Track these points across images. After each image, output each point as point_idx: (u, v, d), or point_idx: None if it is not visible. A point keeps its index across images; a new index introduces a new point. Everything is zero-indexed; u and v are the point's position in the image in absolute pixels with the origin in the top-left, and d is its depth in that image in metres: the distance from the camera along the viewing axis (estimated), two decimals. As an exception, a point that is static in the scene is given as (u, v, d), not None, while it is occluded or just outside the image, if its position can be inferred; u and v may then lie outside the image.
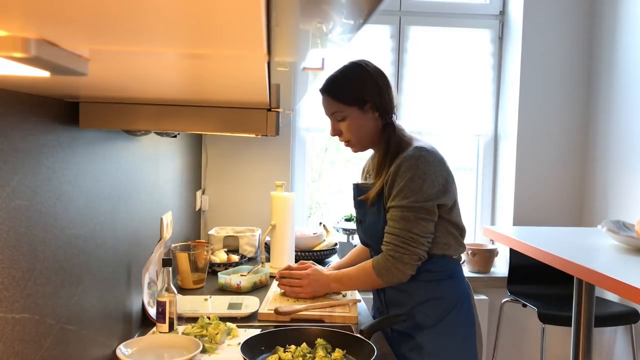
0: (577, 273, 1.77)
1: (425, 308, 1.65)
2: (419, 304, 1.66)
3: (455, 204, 1.67)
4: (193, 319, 1.66)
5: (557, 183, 3.08)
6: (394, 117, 1.69)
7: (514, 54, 3.04)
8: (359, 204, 1.78)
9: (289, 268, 1.91)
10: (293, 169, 3.08)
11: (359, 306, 1.84)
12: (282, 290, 1.90)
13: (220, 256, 2.37)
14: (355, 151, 1.76)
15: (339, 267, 1.96)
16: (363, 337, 1.46)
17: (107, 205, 1.33)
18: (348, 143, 1.73)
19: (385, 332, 1.75)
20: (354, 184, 1.84)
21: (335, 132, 1.72)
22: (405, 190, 1.58)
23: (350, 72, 1.68)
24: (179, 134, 2.09)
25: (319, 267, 1.88)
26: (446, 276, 1.67)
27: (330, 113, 1.71)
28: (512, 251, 2.86)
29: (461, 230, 1.70)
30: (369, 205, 1.69)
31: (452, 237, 1.66)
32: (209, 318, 1.60)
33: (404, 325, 1.68)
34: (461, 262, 1.78)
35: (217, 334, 1.52)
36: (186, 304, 1.83)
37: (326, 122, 3.05)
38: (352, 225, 2.90)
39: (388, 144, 1.67)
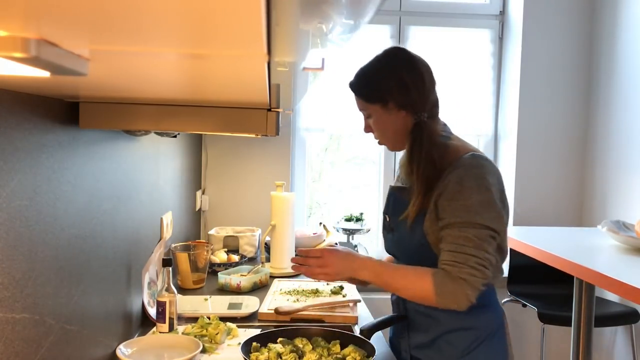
0: (577, 273, 1.77)
1: (453, 338, 1.46)
2: (446, 333, 1.46)
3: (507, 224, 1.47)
4: (193, 319, 1.66)
5: (557, 183, 3.08)
6: (424, 115, 1.48)
7: (514, 54, 3.04)
8: (395, 210, 1.55)
9: (304, 252, 1.53)
10: (293, 169, 3.08)
11: (359, 306, 1.84)
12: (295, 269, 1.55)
13: (220, 256, 2.37)
14: (390, 150, 1.61)
15: None
16: (363, 337, 1.46)
17: (107, 205, 1.33)
18: (380, 142, 1.58)
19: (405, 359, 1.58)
20: (391, 187, 1.63)
21: (367, 129, 1.57)
22: (477, 206, 1.35)
23: (374, 67, 1.52)
24: (179, 134, 2.09)
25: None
26: (480, 304, 1.39)
27: (359, 110, 1.57)
28: (512, 251, 2.86)
29: (503, 254, 1.47)
30: (410, 222, 1.45)
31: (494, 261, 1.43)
32: (209, 318, 1.60)
33: (427, 355, 1.50)
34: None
35: (217, 334, 1.52)
36: (186, 304, 1.83)
37: (325, 122, 3.09)
38: (352, 225, 2.90)
39: (413, 145, 1.46)
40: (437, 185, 1.41)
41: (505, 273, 2.95)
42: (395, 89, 1.47)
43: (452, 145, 1.47)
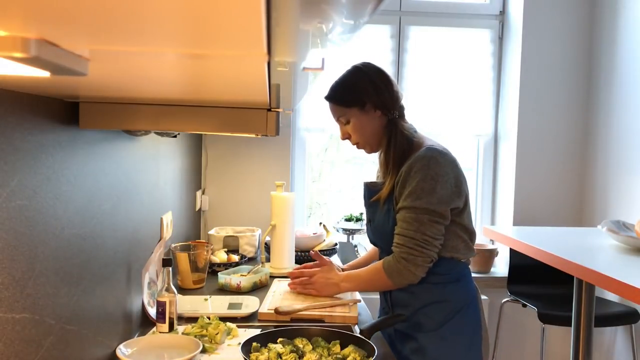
0: (577, 273, 1.77)
1: (430, 310, 1.65)
2: (423, 306, 1.65)
3: (466, 207, 1.66)
4: (193, 319, 1.66)
5: (557, 183, 3.08)
6: (396, 114, 1.70)
7: (514, 54, 3.04)
8: (370, 203, 1.77)
9: (302, 267, 1.95)
10: (293, 169, 3.08)
11: (359, 306, 1.84)
12: (290, 290, 1.92)
13: (220, 256, 2.37)
14: (368, 152, 1.78)
15: (353, 267, 1.99)
16: (363, 337, 1.46)
17: (107, 205, 1.33)
18: (358, 145, 1.76)
19: (388, 333, 1.74)
20: (364, 183, 1.83)
21: (345, 135, 1.76)
22: (418, 192, 1.57)
23: (348, 76, 1.73)
24: (179, 134, 2.09)
25: (334, 264, 1.90)
26: (453, 279, 1.66)
27: (336, 118, 1.75)
28: (512, 251, 2.86)
29: (471, 234, 1.69)
30: (381, 205, 1.69)
31: (461, 241, 1.66)
32: (209, 318, 1.60)
33: (407, 327, 1.67)
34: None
35: (217, 334, 1.52)
36: (186, 304, 1.83)
37: (325, 122, 3.09)
38: (352, 225, 2.90)
39: (389, 140, 1.68)
40: (397, 174, 1.64)
41: (505, 273, 2.95)
42: (371, 91, 1.68)
43: (415, 141, 1.69)
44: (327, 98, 1.74)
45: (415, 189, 1.58)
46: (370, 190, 1.77)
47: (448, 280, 1.65)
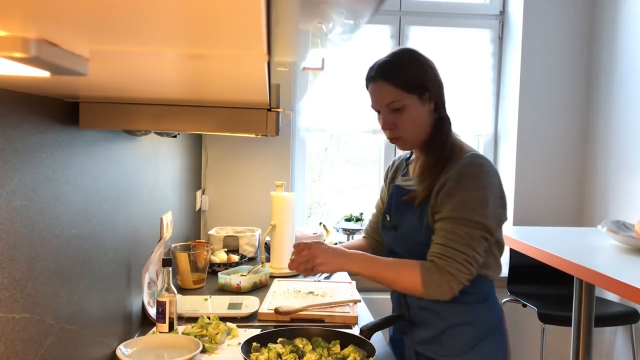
0: (577, 273, 1.77)
1: (456, 332, 1.48)
2: (449, 327, 1.49)
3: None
4: (193, 319, 1.66)
5: (557, 183, 3.08)
6: (444, 112, 1.52)
7: (514, 54, 3.04)
8: (398, 207, 1.57)
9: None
10: (293, 169, 3.08)
11: (358, 306, 1.84)
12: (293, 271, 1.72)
13: (220, 256, 2.37)
14: (404, 148, 1.57)
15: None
16: (363, 337, 1.46)
17: (107, 205, 1.33)
18: (399, 139, 1.51)
19: (408, 355, 1.59)
20: (394, 186, 1.64)
21: (389, 124, 1.49)
22: (470, 202, 1.39)
23: (408, 56, 1.50)
24: (179, 134, 2.09)
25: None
26: (481, 299, 1.50)
27: (386, 103, 1.47)
28: (512, 251, 2.86)
29: (501, 248, 1.53)
30: (414, 212, 1.51)
31: (493, 257, 1.50)
32: (209, 318, 1.60)
33: (430, 350, 1.52)
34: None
35: (217, 334, 1.52)
36: (186, 304, 1.83)
37: (325, 122, 3.09)
38: (352, 225, 2.90)
39: (445, 142, 1.48)
40: (439, 179, 1.45)
41: (505, 273, 2.95)
42: (433, 80, 1.50)
43: (457, 143, 1.51)
44: (382, 77, 1.47)
45: (466, 198, 1.39)
46: (403, 193, 1.57)
47: (476, 300, 1.49)
